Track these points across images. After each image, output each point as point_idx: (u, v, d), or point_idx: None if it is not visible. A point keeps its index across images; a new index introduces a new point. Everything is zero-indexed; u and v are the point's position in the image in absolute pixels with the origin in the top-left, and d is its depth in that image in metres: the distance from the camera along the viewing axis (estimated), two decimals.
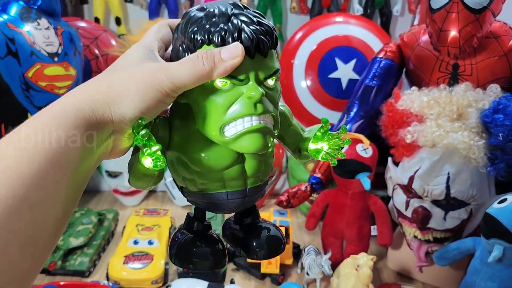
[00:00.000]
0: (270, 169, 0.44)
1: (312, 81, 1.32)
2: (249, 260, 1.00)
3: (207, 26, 0.37)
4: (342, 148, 0.42)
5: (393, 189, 0.97)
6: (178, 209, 1.30)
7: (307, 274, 0.94)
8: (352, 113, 1.10)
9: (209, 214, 1.08)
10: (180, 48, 0.39)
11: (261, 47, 0.37)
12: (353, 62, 1.29)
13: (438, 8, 0.94)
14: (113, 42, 1.32)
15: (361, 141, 0.95)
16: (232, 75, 0.36)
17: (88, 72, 1.27)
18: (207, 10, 0.38)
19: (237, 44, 0.36)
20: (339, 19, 1.36)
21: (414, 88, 0.97)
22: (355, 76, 1.28)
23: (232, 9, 0.38)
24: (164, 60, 0.39)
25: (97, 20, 1.39)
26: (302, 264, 0.98)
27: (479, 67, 0.97)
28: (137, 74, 0.36)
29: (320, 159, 0.42)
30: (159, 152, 0.37)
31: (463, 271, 0.89)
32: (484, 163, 0.85)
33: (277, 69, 0.39)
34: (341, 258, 0.99)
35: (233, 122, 0.37)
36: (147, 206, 1.30)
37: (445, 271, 0.97)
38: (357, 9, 1.39)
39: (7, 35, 0.96)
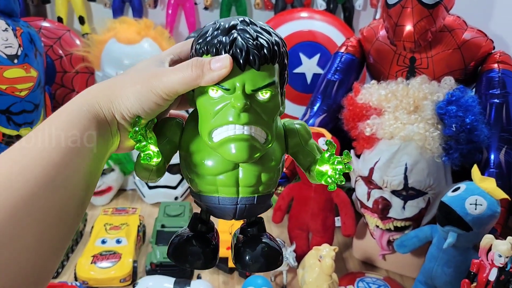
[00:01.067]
0: (272, 183, 0.44)
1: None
2: None
3: (209, 38, 0.40)
4: (343, 172, 0.42)
5: (356, 181, 1.00)
6: (148, 207, 1.30)
7: None
8: (315, 108, 1.12)
9: (177, 211, 1.08)
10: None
11: (252, 60, 0.38)
12: (317, 56, 1.32)
13: (394, 3, 0.96)
14: (77, 42, 1.31)
15: (323, 135, 0.98)
16: (219, 84, 0.39)
17: (51, 72, 1.26)
18: (216, 24, 0.41)
19: (226, 56, 0.38)
20: (303, 14, 1.38)
21: (373, 81, 1.00)
22: (319, 71, 1.31)
23: (237, 24, 0.40)
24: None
25: (60, 19, 1.38)
26: None
27: (434, 60, 1.01)
28: (137, 78, 0.41)
29: (323, 182, 0.43)
30: (153, 149, 0.40)
31: (423, 258, 0.92)
32: (440, 153, 0.88)
33: (270, 83, 0.39)
34: (307, 249, 1.01)
35: (220, 128, 0.39)
36: (117, 205, 1.30)
37: (407, 258, 1.00)
38: (320, 4, 1.41)
39: None
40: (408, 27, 0.94)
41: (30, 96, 1.06)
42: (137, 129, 0.40)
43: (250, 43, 0.38)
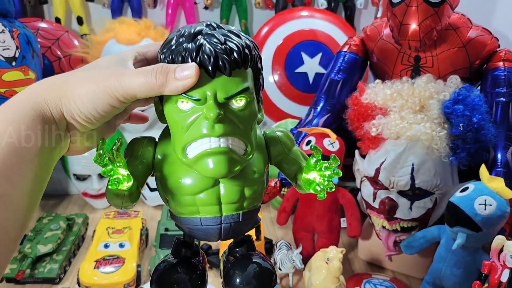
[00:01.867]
0: (257, 196, 0.42)
1: (279, 75, 1.33)
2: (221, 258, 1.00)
3: (174, 47, 0.37)
4: (332, 178, 0.40)
5: (361, 181, 0.99)
6: (150, 209, 1.29)
7: (280, 269, 0.95)
8: (318, 108, 1.11)
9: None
10: None
11: (222, 66, 0.36)
12: (319, 56, 1.31)
13: (398, 2, 0.95)
14: (76, 43, 1.30)
15: (327, 135, 0.97)
16: (188, 94, 0.36)
17: (49, 74, 1.24)
18: (181, 31, 0.38)
19: (192, 64, 0.36)
20: (304, 13, 1.37)
21: (377, 81, 0.99)
22: (321, 70, 1.30)
23: (203, 29, 0.37)
24: (133, 68, 0.40)
25: (58, 20, 1.36)
26: (274, 259, 0.99)
27: (439, 58, 1.00)
28: (94, 75, 0.37)
29: (312, 191, 0.41)
30: (122, 173, 0.36)
31: (430, 258, 0.91)
32: (446, 153, 0.87)
33: (244, 88, 0.37)
34: (313, 251, 1.01)
35: (194, 143, 0.36)
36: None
37: (413, 259, 0.99)
38: (322, 3, 1.40)
39: None
40: (413, 26, 0.93)
41: None
42: (101, 152, 0.36)
43: (219, 47, 0.36)
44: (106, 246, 0.99)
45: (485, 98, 0.92)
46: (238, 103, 0.37)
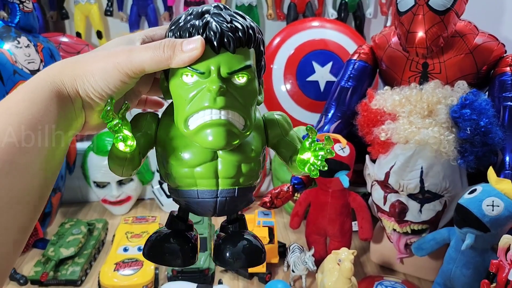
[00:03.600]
0: (254, 174, 0.43)
1: (291, 84, 1.36)
2: None
3: (182, 24, 0.39)
4: (326, 158, 0.42)
5: (372, 185, 1.01)
6: (166, 215, 1.31)
7: (293, 271, 0.98)
8: (329, 114, 1.14)
9: (196, 218, 1.10)
10: None
11: (226, 42, 0.37)
12: (329, 64, 1.34)
13: (405, 11, 0.98)
14: None
15: (338, 141, 0.99)
16: (193, 67, 0.38)
17: None
18: (189, 11, 0.40)
19: (198, 37, 0.37)
20: (315, 23, 1.40)
21: (386, 87, 1.02)
22: (332, 78, 1.33)
23: (210, 9, 0.39)
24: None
25: (78, 34, 1.42)
26: (287, 262, 1.02)
27: (447, 65, 1.02)
28: (103, 54, 0.39)
29: (306, 170, 0.42)
30: (126, 133, 0.38)
31: (440, 260, 0.93)
32: (455, 156, 0.89)
33: (246, 65, 0.38)
34: (325, 254, 1.03)
35: (196, 114, 0.38)
36: (136, 214, 1.33)
37: (424, 261, 1.01)
38: (332, 13, 1.43)
39: None
40: (420, 34, 0.96)
41: None
42: (109, 108, 0.37)
43: (225, 25, 0.38)
44: (125, 249, 1.03)
45: (492, 102, 0.94)
46: (240, 79, 0.39)
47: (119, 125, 0.37)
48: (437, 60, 1.02)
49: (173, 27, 0.40)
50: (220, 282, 0.92)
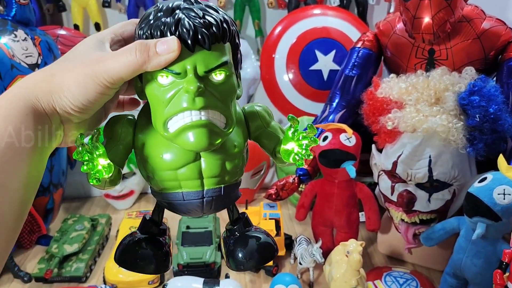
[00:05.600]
0: (238, 170, 0.42)
1: (294, 74, 1.34)
2: None
3: (152, 21, 0.37)
4: (310, 147, 0.41)
5: (378, 175, 1.00)
6: None
7: (300, 263, 0.96)
8: (334, 104, 1.12)
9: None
10: None
11: (201, 40, 0.36)
12: (332, 53, 1.32)
13: None
14: None
15: (344, 131, 0.97)
16: (168, 69, 0.36)
17: None
18: (158, 6, 0.38)
19: (173, 38, 0.36)
20: (316, 11, 1.37)
21: (392, 75, 0.99)
22: (335, 67, 1.30)
23: (181, 4, 0.38)
24: (111, 51, 0.39)
25: (76, 27, 1.39)
26: (294, 254, 1.01)
27: (454, 51, 1.00)
28: (77, 65, 0.37)
29: (291, 160, 0.41)
30: (103, 164, 0.37)
31: (450, 250, 0.91)
32: (464, 144, 0.88)
33: (223, 62, 0.37)
34: (332, 246, 1.02)
35: (175, 117, 0.37)
36: (139, 208, 1.32)
37: (433, 251, 1.00)
38: (334, 0, 1.40)
39: None
40: (427, 19, 0.93)
41: None
42: (80, 149, 0.36)
43: (197, 21, 0.36)
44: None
45: (501, 88, 0.92)
46: (218, 76, 0.37)
47: (95, 162, 0.37)
48: (444, 46, 1.00)
49: (143, 25, 0.38)
50: (227, 276, 0.91)
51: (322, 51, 1.32)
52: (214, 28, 0.36)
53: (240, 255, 0.44)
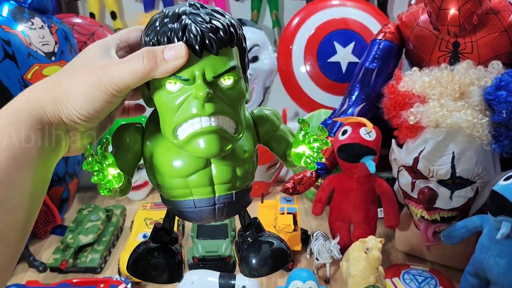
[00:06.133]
0: (249, 175, 0.42)
1: (312, 66, 1.32)
2: None
3: (158, 28, 0.37)
4: (321, 149, 0.40)
5: (398, 171, 0.98)
6: None
7: (317, 259, 0.95)
8: (353, 97, 1.10)
9: None
10: None
11: (209, 45, 0.35)
12: (351, 45, 1.29)
13: None
14: None
15: (364, 125, 0.95)
16: (176, 75, 0.36)
17: None
18: (164, 12, 0.38)
19: (180, 44, 0.35)
20: (335, 2, 1.35)
21: (415, 68, 0.97)
22: (354, 59, 1.28)
23: (186, 9, 0.37)
24: (117, 58, 0.39)
25: (92, 15, 1.38)
26: (311, 249, 0.99)
27: (479, 44, 0.97)
28: (83, 74, 0.36)
29: (302, 164, 0.41)
30: (113, 174, 0.37)
31: (471, 248, 0.89)
32: (489, 140, 0.85)
33: (231, 67, 0.37)
34: (349, 242, 1.00)
35: (184, 123, 0.36)
36: (154, 199, 1.31)
37: (453, 249, 0.97)
38: None
39: (2, 37, 0.95)
40: (453, 11, 0.91)
41: None
42: (90, 159, 0.36)
43: (204, 26, 0.36)
44: (144, 236, 1.01)
45: None
46: (226, 81, 0.37)
47: (105, 173, 0.36)
48: (469, 39, 0.97)
49: (149, 32, 0.37)
50: None
51: (341, 42, 1.29)
52: (221, 33, 0.36)
53: (253, 261, 0.43)
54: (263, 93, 1.36)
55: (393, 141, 1.00)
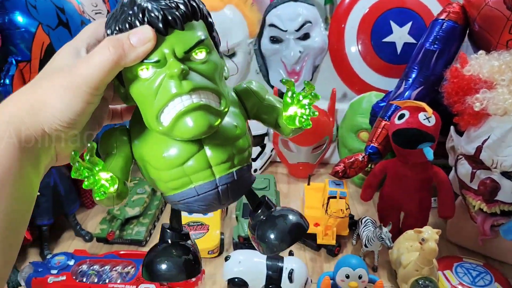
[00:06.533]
0: (245, 151, 0.40)
1: (364, 45, 1.26)
2: None
3: (118, 17, 0.36)
4: (312, 104, 0.40)
5: (457, 160, 0.93)
6: None
7: (366, 246, 0.92)
8: (410, 80, 1.04)
9: (262, 184, 1.06)
10: None
11: (172, 21, 0.34)
12: (409, 25, 1.23)
13: None
14: None
15: (423, 109, 0.90)
16: (147, 60, 0.35)
17: None
18: (121, 2, 0.37)
19: (145, 26, 0.34)
20: None
21: (481, 52, 0.91)
22: (411, 40, 1.22)
23: None
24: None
25: None
26: (358, 235, 0.96)
27: None
28: (56, 79, 0.35)
29: (297, 124, 0.40)
30: (105, 177, 0.37)
31: None
32: None
33: (200, 39, 0.35)
34: (398, 230, 0.97)
35: (166, 108, 0.35)
36: None
37: (509, 244, 0.93)
38: None
39: (57, 4, 0.94)
40: None
41: None
42: (77, 165, 0.35)
43: (164, 4, 0.35)
44: (190, 212, 1.00)
45: None
46: (199, 55, 0.36)
47: (96, 177, 0.36)
48: None
49: (110, 23, 0.36)
50: (290, 253, 0.88)
51: (398, 22, 1.23)
52: (182, 7, 0.35)
53: (272, 237, 0.42)
54: (312, 71, 1.32)
55: (452, 128, 0.95)
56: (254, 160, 1.27)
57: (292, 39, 1.25)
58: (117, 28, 0.36)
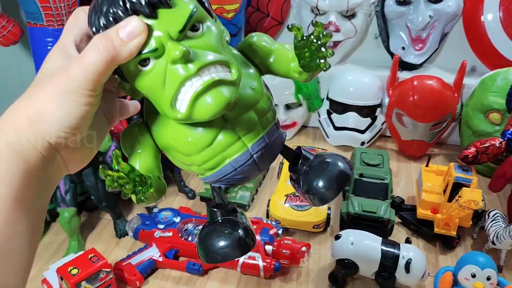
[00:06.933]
0: (269, 111, 0.38)
1: (508, 12, 1.10)
2: (418, 216, 0.90)
3: (99, 12, 0.33)
4: (327, 43, 0.35)
5: None
6: (331, 148, 1.22)
7: (493, 243, 0.82)
8: None
9: (375, 160, 0.97)
10: None
11: (157, 1, 0.31)
12: None
13: None
14: None
15: None
16: (143, 52, 0.32)
17: None
18: None
19: (132, 18, 0.31)
20: None
21: None
22: None
23: None
24: (77, 54, 0.35)
25: None
26: (483, 228, 0.86)
27: None
28: (49, 86, 0.33)
29: (314, 68, 0.37)
30: (137, 180, 0.35)
31: None
32: None
33: (192, 11, 0.32)
34: None
35: (179, 95, 0.32)
36: (299, 142, 1.25)
37: None
38: None
39: None
40: None
41: (235, 18, 1.01)
42: (109, 178, 0.34)
43: None
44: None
45: None
46: (195, 30, 0.33)
47: (127, 183, 0.35)
48: None
49: (92, 19, 0.33)
50: (408, 241, 0.80)
51: None
52: None
53: (320, 184, 0.40)
54: (439, 40, 1.18)
55: None
56: (363, 132, 1.19)
57: (422, 1, 1.12)
58: (101, 24, 0.33)
